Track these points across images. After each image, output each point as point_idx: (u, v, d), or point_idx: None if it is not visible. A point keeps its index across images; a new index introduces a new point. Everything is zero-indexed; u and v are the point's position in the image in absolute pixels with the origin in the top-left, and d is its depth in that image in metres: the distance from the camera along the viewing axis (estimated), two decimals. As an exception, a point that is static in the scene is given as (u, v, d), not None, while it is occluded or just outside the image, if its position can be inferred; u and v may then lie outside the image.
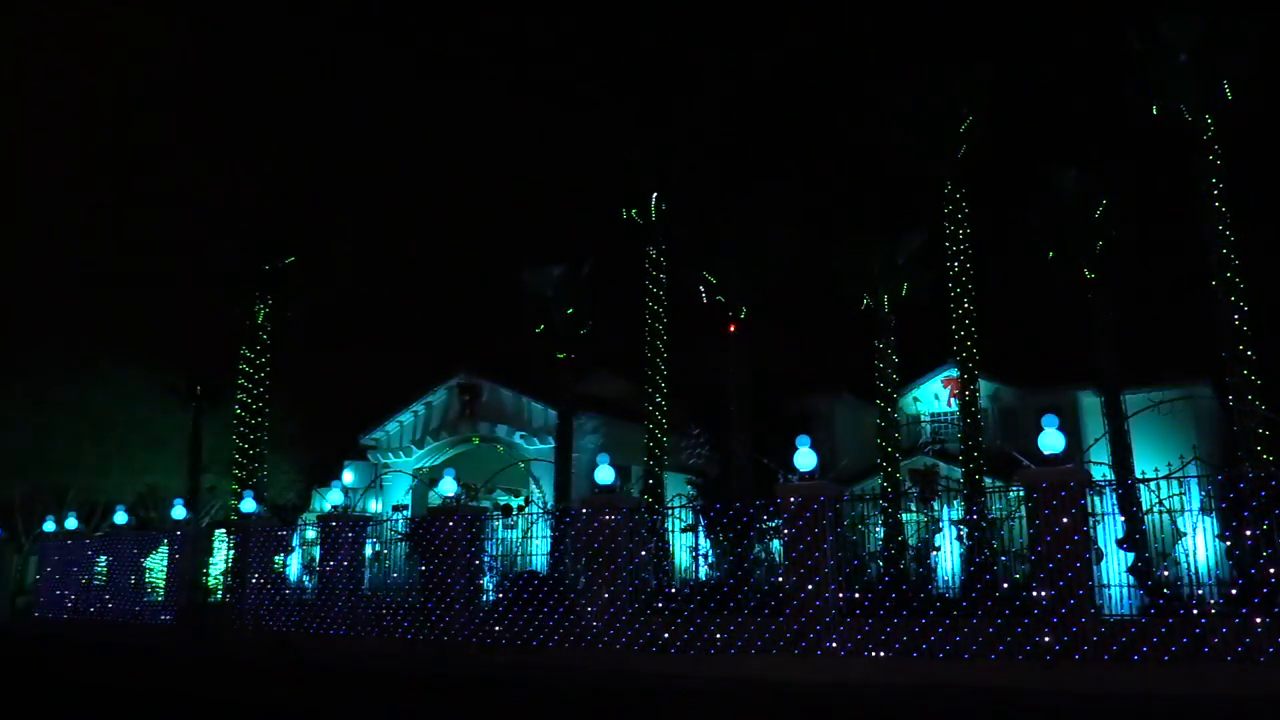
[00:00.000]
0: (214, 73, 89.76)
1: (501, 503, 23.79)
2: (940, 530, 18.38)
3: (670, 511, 20.17)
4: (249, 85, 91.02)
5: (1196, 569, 15.08)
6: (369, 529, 21.26)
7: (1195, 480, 14.86)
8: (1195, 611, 13.26)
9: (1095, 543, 14.05)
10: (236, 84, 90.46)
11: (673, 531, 21.34)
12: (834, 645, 14.52)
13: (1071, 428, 25.96)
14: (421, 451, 31.53)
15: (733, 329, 24.49)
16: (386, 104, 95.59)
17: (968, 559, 18.13)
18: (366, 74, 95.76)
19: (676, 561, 21.94)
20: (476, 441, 30.81)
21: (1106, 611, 13.65)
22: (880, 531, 19.24)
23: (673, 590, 19.55)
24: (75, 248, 73.37)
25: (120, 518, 28.04)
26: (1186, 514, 15.42)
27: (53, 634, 24.88)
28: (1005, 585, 15.40)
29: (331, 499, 22.52)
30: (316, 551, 21.60)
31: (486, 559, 19.51)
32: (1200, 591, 14.83)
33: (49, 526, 30.17)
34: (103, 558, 26.88)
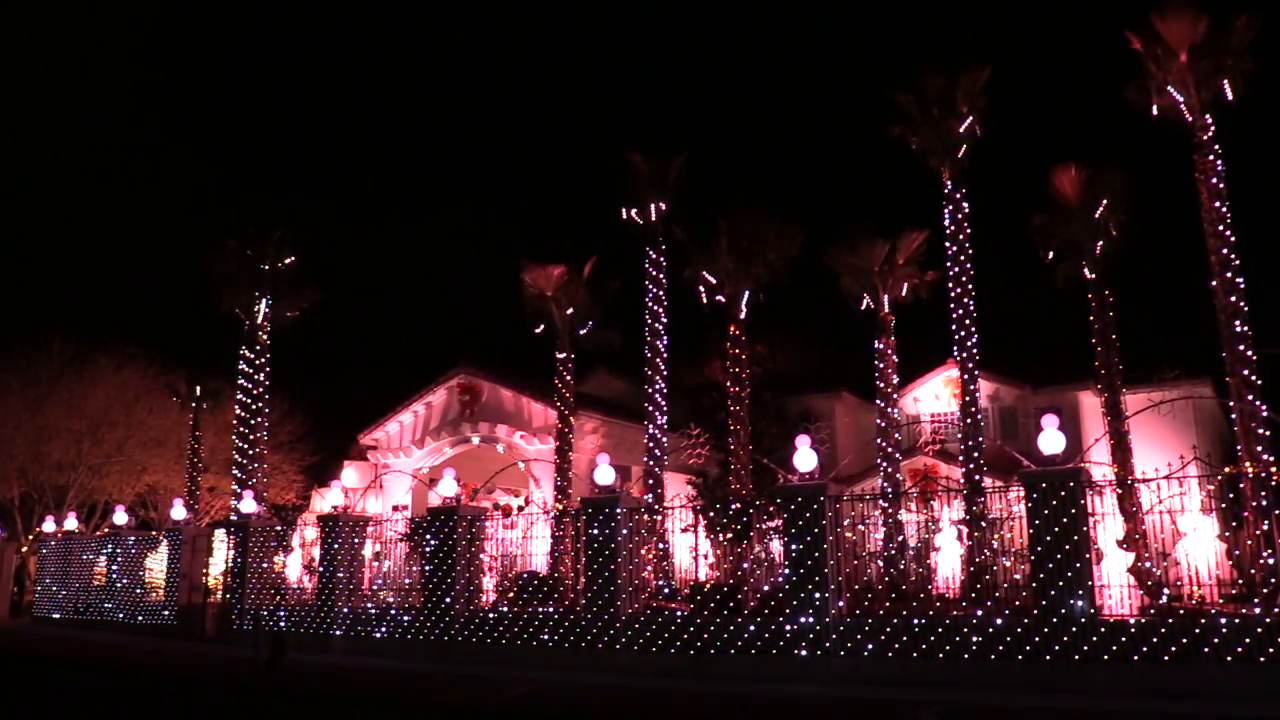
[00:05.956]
0: (214, 70, 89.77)
1: (501, 503, 23.77)
2: (940, 530, 18.38)
3: (670, 511, 20.15)
4: (248, 82, 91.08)
5: (1196, 569, 15.08)
6: (369, 529, 21.26)
7: (1195, 480, 14.85)
8: (1195, 611, 13.26)
9: (1095, 543, 14.04)
10: (235, 81, 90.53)
11: (673, 531, 21.34)
12: (834, 645, 14.51)
13: (1071, 428, 25.99)
14: (421, 451, 31.49)
15: (733, 329, 24.49)
16: (387, 103, 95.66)
17: (968, 559, 18.15)
18: (367, 73, 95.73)
19: (676, 561, 21.94)
20: (476, 441, 30.78)
21: (1106, 611, 13.63)
22: (880, 531, 19.24)
23: (672, 590, 19.56)
24: (75, 248, 73.39)
25: (120, 518, 28.04)
26: (1186, 514, 15.42)
27: (50, 634, 24.83)
28: (1005, 585, 15.40)
29: (331, 499, 22.50)
30: (316, 551, 21.59)
31: (486, 559, 19.51)
32: (1200, 591, 14.83)
33: (49, 526, 30.16)
34: (102, 557, 26.88)
